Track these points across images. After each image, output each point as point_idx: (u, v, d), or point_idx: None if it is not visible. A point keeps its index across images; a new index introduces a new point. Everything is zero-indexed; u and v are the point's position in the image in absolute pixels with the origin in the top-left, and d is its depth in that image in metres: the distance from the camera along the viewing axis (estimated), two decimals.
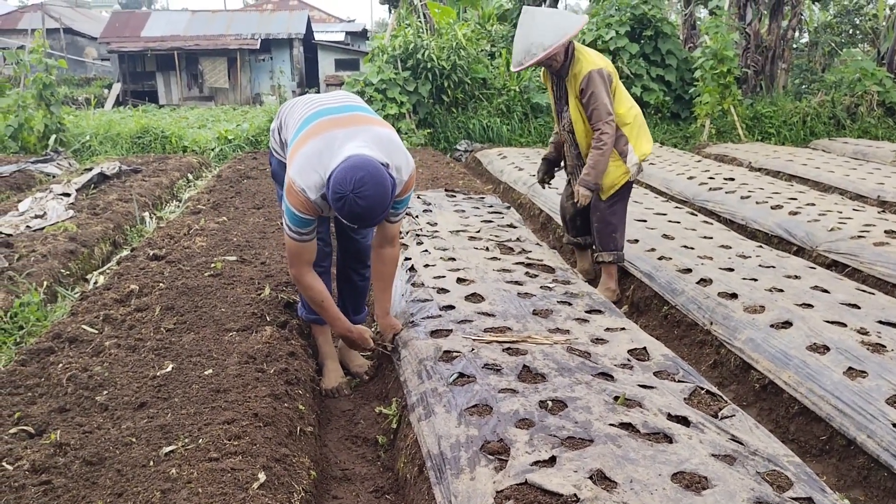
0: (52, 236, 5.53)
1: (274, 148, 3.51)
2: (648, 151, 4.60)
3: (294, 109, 3.33)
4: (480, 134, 12.61)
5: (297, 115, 3.22)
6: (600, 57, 4.48)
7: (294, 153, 3.03)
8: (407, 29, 13.26)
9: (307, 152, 2.97)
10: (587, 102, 4.36)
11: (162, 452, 2.39)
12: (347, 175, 2.76)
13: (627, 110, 4.50)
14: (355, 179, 2.75)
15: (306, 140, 3.01)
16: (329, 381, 3.59)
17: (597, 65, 4.35)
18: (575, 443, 2.33)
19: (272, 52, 29.47)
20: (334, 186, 2.78)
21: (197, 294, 3.96)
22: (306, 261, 3.21)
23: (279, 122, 3.42)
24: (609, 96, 4.34)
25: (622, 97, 4.51)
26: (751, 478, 2.18)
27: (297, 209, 3.00)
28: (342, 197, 2.76)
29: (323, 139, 2.98)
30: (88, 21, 37.46)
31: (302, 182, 2.95)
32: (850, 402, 2.87)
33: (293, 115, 3.28)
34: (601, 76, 4.32)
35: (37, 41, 11.00)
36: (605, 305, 3.86)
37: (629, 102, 4.54)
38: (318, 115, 3.12)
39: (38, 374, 3.00)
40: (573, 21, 4.36)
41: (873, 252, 4.82)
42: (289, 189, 3.00)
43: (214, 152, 11.86)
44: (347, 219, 2.87)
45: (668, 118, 13.32)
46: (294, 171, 2.98)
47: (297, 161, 2.98)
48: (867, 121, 12.80)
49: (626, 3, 13.68)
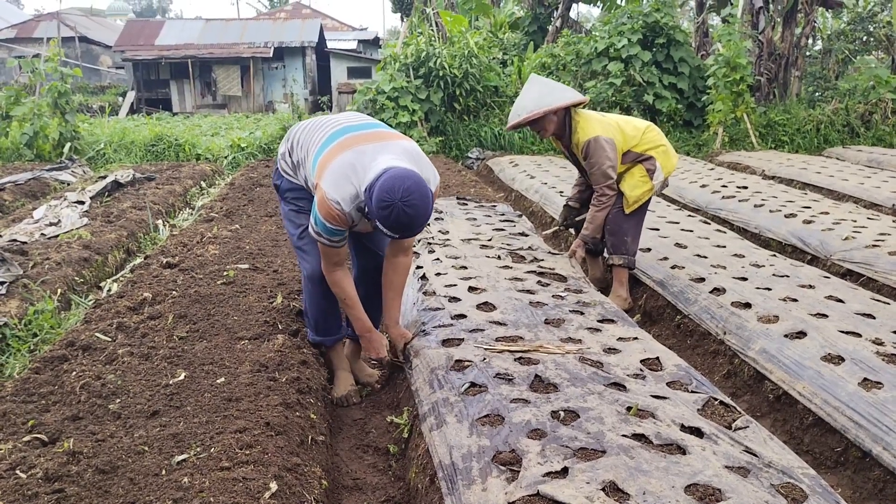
0: (67, 244, 5.57)
1: (284, 170, 3.49)
2: (673, 167, 4.75)
3: (309, 131, 3.34)
4: (492, 142, 12.62)
5: (318, 135, 3.25)
6: (600, 123, 4.60)
7: (323, 167, 3.06)
8: (419, 37, 13.30)
9: (339, 165, 3.01)
10: (588, 168, 4.62)
11: (174, 461, 2.39)
12: (395, 184, 2.82)
13: (648, 141, 4.65)
14: (402, 189, 2.81)
15: (336, 155, 3.05)
16: (339, 389, 3.60)
17: (593, 133, 4.53)
18: (587, 454, 2.32)
19: (285, 60, 29.63)
20: (381, 195, 2.83)
21: (209, 302, 3.97)
22: (335, 262, 3.26)
23: (289, 146, 3.42)
24: (609, 159, 4.51)
25: (637, 132, 4.64)
26: (765, 490, 2.16)
27: (329, 221, 3.04)
28: (390, 205, 2.81)
29: (354, 153, 3.03)
30: (103, 30, 37.82)
31: (336, 194, 2.98)
32: (865, 413, 2.84)
33: (311, 135, 3.30)
34: (597, 143, 4.51)
35: (52, 50, 11.11)
36: (618, 315, 3.84)
37: (644, 130, 4.68)
38: (342, 132, 3.17)
39: (51, 381, 3.02)
40: (559, 96, 4.54)
41: (888, 261, 4.78)
42: (321, 202, 3.02)
43: (227, 160, 11.92)
44: (392, 228, 2.90)
45: (680, 126, 13.27)
46: (327, 184, 3.00)
47: (330, 175, 3.01)
48: (881, 129, 12.71)
49: (638, 11, 13.66)
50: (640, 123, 4.74)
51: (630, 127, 4.68)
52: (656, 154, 4.64)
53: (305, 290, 3.55)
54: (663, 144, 4.69)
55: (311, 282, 3.45)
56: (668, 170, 4.68)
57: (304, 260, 3.47)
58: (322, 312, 3.54)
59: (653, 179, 4.63)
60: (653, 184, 4.63)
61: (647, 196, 4.68)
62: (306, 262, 3.45)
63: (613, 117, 4.75)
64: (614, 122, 4.67)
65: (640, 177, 4.63)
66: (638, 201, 4.66)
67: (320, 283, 3.40)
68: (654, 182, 4.63)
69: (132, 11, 68.45)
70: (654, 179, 4.63)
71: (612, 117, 4.74)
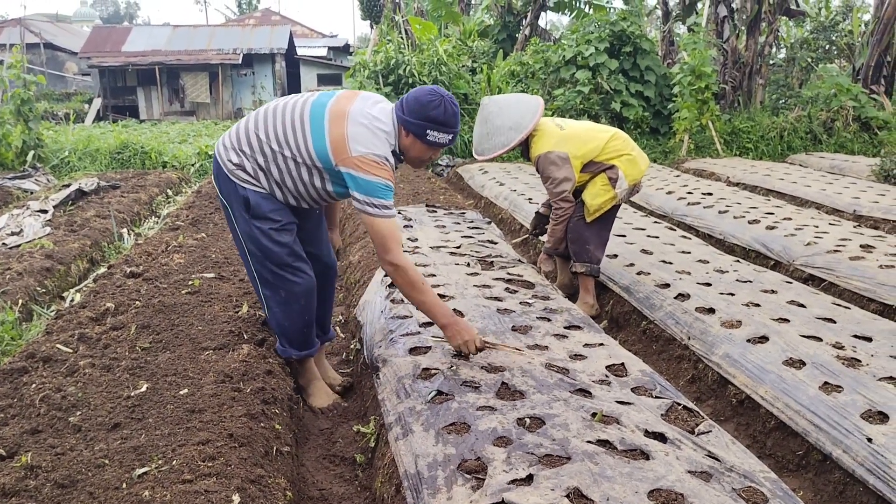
0: (29, 253, 5.48)
1: (245, 180, 3.15)
2: (641, 174, 4.70)
3: (264, 128, 3.10)
4: (462, 149, 12.65)
5: (287, 124, 3.06)
6: (555, 136, 4.61)
7: (339, 143, 2.96)
8: (388, 45, 13.31)
9: (356, 131, 2.95)
10: (543, 182, 4.70)
11: (135, 474, 2.35)
12: (424, 90, 3.03)
13: (610, 150, 4.62)
14: (434, 89, 3.04)
15: (341, 125, 2.97)
16: (321, 400, 3.59)
17: (545, 148, 4.57)
18: (552, 460, 2.33)
19: (254, 66, 29.48)
20: (424, 98, 2.98)
21: (174, 312, 3.92)
22: (400, 240, 3.09)
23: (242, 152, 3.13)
24: (560, 174, 4.54)
25: (598, 143, 4.62)
26: (727, 494, 2.18)
27: (388, 179, 2.98)
28: (440, 100, 2.99)
29: (353, 115, 2.99)
30: (69, 36, 37.31)
31: (379, 151, 2.96)
32: (825, 416, 2.89)
33: (276, 128, 3.07)
34: (547, 159, 4.56)
35: (14, 56, 10.92)
36: (584, 321, 3.86)
37: (608, 139, 4.64)
38: (322, 105, 3.06)
39: (10, 394, 2.96)
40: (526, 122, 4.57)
41: (849, 266, 4.88)
42: (371, 165, 2.93)
43: (195, 167, 11.80)
44: (448, 122, 3.01)
45: (647, 133, 13.42)
46: (365, 148, 2.94)
47: (356, 141, 2.94)
48: (843, 136, 12.97)
49: (605, 20, 13.81)
50: (603, 133, 4.69)
51: (589, 138, 4.63)
52: (619, 163, 4.61)
53: (289, 307, 3.32)
54: (628, 153, 4.64)
55: (305, 297, 3.30)
56: (633, 177, 4.65)
57: (295, 276, 3.25)
58: (305, 326, 3.41)
59: (615, 188, 4.62)
60: (615, 192, 4.62)
61: (609, 205, 4.67)
62: (299, 277, 3.26)
63: (577, 127, 4.72)
64: (574, 133, 4.63)
65: (602, 185, 4.63)
66: (599, 210, 4.66)
67: (312, 297, 3.33)
68: (616, 190, 4.62)
69: (99, 18, 67.68)
70: (616, 188, 4.62)
71: (574, 128, 4.70)
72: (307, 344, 3.49)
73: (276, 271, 3.24)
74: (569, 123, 4.76)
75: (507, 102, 4.73)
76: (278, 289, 3.29)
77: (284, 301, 3.31)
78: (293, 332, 3.41)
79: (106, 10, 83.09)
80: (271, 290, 3.31)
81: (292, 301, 3.30)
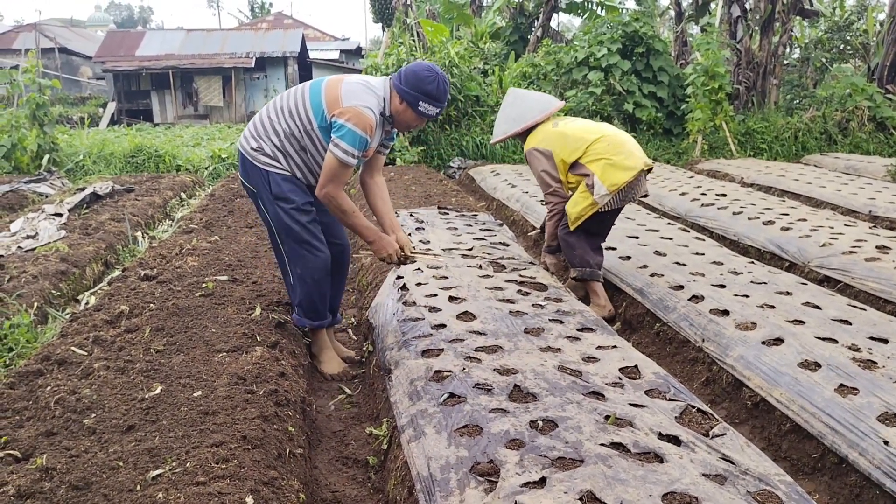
0: (44, 257, 5.51)
1: (267, 164, 3.59)
2: (621, 181, 4.49)
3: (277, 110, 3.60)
4: (473, 151, 12.64)
5: (293, 102, 3.56)
6: (543, 133, 4.72)
7: (335, 99, 3.44)
8: (400, 47, 13.32)
9: (352, 88, 3.47)
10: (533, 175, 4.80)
11: (149, 476, 2.37)
12: (422, 65, 3.48)
13: (591, 153, 4.57)
14: (431, 66, 3.49)
15: (338, 85, 3.49)
16: (331, 367, 4.00)
17: (531, 144, 4.72)
18: (565, 463, 2.32)
19: (267, 70, 29.61)
20: (421, 74, 3.44)
21: (187, 315, 3.94)
22: (344, 181, 3.51)
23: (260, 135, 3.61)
24: (544, 169, 4.64)
25: (581, 138, 4.60)
26: (741, 497, 2.17)
27: (366, 131, 3.41)
28: (434, 77, 3.45)
29: (347, 79, 3.53)
30: (83, 41, 37.62)
31: (368, 103, 3.42)
32: (841, 419, 2.86)
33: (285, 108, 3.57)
34: (531, 154, 4.71)
35: (30, 61, 11.02)
36: (597, 323, 3.85)
37: (592, 141, 4.59)
38: (319, 81, 3.59)
39: (26, 397, 2.98)
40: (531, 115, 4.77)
41: (865, 267, 4.83)
42: (357, 116, 3.37)
43: (208, 171, 11.86)
44: (438, 97, 3.47)
45: (660, 134, 13.37)
46: (355, 101, 3.41)
47: (350, 96, 3.43)
48: (858, 136, 12.87)
49: (617, 20, 13.78)
50: (591, 135, 4.59)
51: (575, 138, 4.59)
52: (595, 167, 4.51)
53: (306, 280, 3.72)
54: (607, 157, 4.50)
55: (320, 272, 3.71)
56: (611, 183, 4.48)
57: (311, 253, 3.66)
58: (320, 298, 3.80)
59: (593, 195, 4.51)
60: (594, 199, 4.51)
61: (588, 212, 4.57)
62: (318, 250, 3.67)
63: (570, 126, 4.69)
64: (563, 132, 4.63)
65: (581, 192, 4.59)
66: (580, 217, 4.59)
67: (326, 273, 3.75)
68: (595, 197, 4.50)
69: (113, 22, 68.17)
70: (594, 194, 4.50)
71: (568, 126, 4.68)
72: (319, 315, 3.87)
73: (295, 248, 3.68)
74: (565, 122, 4.75)
75: (524, 95, 4.96)
76: (297, 263, 3.72)
77: (301, 275, 3.73)
78: (307, 304, 3.80)
79: (120, 15, 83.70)
80: (291, 264, 3.76)
81: (308, 275, 3.71)
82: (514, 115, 4.84)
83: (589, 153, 4.57)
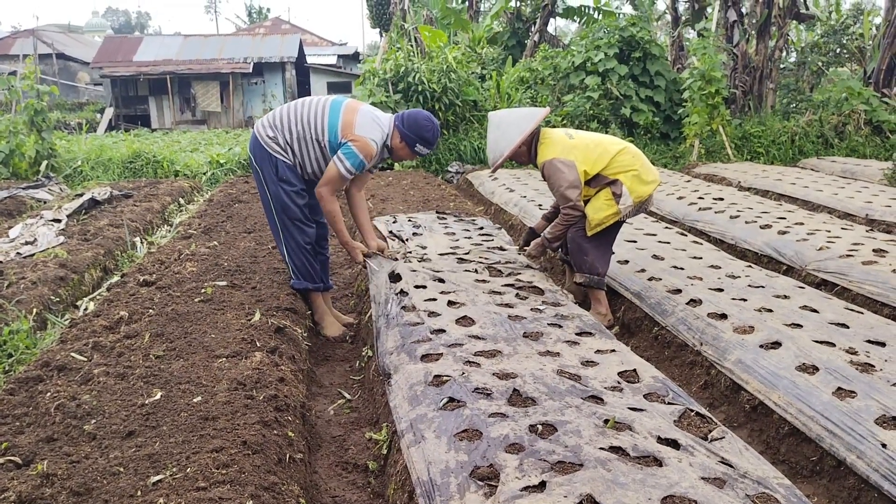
0: (43, 263, 5.52)
1: (276, 151, 4.28)
2: (647, 193, 4.62)
3: (296, 113, 4.27)
4: (472, 156, 12.66)
5: (312, 113, 4.25)
6: (562, 144, 4.62)
7: (349, 125, 4.18)
8: (398, 52, 13.35)
9: (364, 120, 4.21)
10: (550, 189, 4.75)
11: (150, 482, 2.37)
12: (422, 115, 4.32)
13: (617, 165, 4.58)
14: (428, 116, 4.31)
15: (354, 114, 4.22)
16: (332, 330, 4.66)
17: (551, 155, 4.60)
18: (565, 467, 2.33)
19: (264, 75, 29.64)
20: (422, 122, 4.27)
21: (187, 320, 3.95)
22: (338, 188, 4.35)
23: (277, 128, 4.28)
24: (567, 181, 4.54)
25: (606, 156, 4.59)
26: (740, 501, 2.18)
27: (366, 158, 4.20)
28: (432, 127, 4.29)
29: (363, 110, 4.26)
30: (81, 46, 37.63)
31: (374, 136, 4.21)
32: (839, 422, 2.87)
33: (302, 116, 4.25)
34: (552, 165, 4.59)
35: (28, 68, 11.02)
36: (596, 327, 3.86)
37: (616, 153, 4.60)
38: (339, 103, 4.29)
39: (26, 403, 2.98)
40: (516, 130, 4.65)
41: (862, 271, 4.85)
42: (364, 145, 4.16)
43: (206, 176, 11.86)
44: (432, 141, 4.31)
45: (657, 138, 13.40)
46: (364, 131, 4.18)
47: (362, 127, 4.19)
48: (855, 139, 12.90)
49: (614, 25, 13.81)
50: (613, 147, 4.64)
51: (600, 150, 4.60)
52: (625, 178, 4.56)
53: (299, 249, 4.46)
54: (635, 169, 4.59)
55: (310, 244, 4.50)
56: (638, 195, 4.57)
57: (303, 225, 4.41)
58: (311, 265, 4.54)
59: (619, 203, 4.56)
60: (619, 208, 4.56)
61: (611, 220, 4.61)
62: (307, 226, 4.43)
63: (587, 138, 4.71)
64: (583, 143, 4.63)
65: (606, 200, 4.59)
66: (601, 224, 4.62)
67: (313, 245, 4.55)
68: (620, 206, 4.56)
69: (110, 28, 68.23)
70: (620, 203, 4.56)
71: (584, 138, 4.70)
72: (313, 278, 4.59)
73: (291, 223, 4.39)
74: (579, 134, 4.75)
75: (505, 114, 4.85)
76: (293, 237, 4.43)
77: (296, 246, 4.46)
78: (303, 269, 4.54)
79: (117, 21, 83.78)
80: (287, 237, 4.44)
81: (301, 246, 4.47)
82: (505, 134, 4.68)
83: (614, 164, 4.58)
